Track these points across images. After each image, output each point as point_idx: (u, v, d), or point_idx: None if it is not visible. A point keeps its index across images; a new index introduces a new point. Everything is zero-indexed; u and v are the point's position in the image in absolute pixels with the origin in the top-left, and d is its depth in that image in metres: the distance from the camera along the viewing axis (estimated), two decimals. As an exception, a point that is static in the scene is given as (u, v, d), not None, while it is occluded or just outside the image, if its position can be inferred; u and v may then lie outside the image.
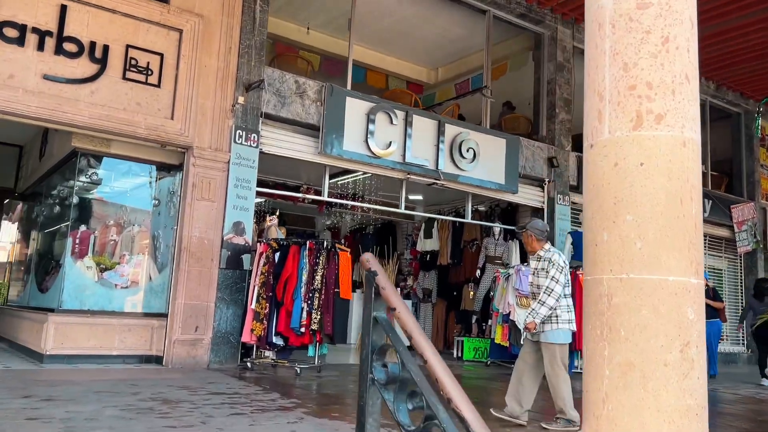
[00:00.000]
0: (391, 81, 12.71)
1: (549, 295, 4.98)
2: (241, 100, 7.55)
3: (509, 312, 8.49)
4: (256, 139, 7.65)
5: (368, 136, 8.29)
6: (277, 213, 8.51)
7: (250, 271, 7.31)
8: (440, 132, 8.91)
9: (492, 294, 9.30)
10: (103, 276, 7.41)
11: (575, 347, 7.97)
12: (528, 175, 10.06)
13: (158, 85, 7.17)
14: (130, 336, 7.14)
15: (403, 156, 8.55)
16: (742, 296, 13.46)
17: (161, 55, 7.22)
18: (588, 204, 2.67)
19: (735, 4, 10.05)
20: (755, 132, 12.78)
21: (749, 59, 12.06)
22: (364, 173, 9.12)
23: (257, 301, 6.91)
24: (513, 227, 10.48)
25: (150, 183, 7.86)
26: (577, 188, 10.66)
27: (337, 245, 6.97)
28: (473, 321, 10.54)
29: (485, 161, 9.32)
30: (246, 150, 7.56)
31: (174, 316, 7.09)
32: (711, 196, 12.67)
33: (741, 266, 13.57)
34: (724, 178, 13.92)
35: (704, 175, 13.31)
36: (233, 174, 7.44)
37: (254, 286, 7.03)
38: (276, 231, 7.96)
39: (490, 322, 9.44)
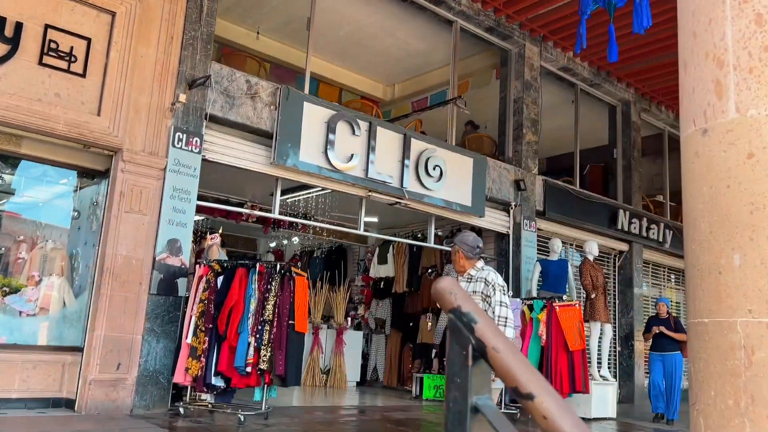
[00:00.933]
0: (345, 95, 11.90)
1: (506, 325, 4.03)
2: (182, 98, 6.50)
3: (478, 347, 7.66)
4: (198, 144, 6.60)
5: (328, 146, 7.38)
6: (221, 231, 7.42)
7: (187, 298, 6.19)
8: (406, 147, 8.10)
9: (457, 326, 8.46)
10: (5, 301, 6.12)
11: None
12: (494, 198, 9.37)
13: (83, 75, 6.04)
14: (36, 375, 5.87)
15: (366, 171, 7.67)
16: (698, 330, 13.18)
17: (88, 39, 6.10)
18: (699, 215, 1.86)
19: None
20: None
21: (709, 89, 11.92)
22: (321, 189, 8.17)
23: (194, 334, 5.80)
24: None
25: (69, 191, 6.66)
26: (544, 214, 10.06)
27: (293, 269, 5.97)
28: (433, 355, 9.66)
29: (452, 181, 8.56)
30: (186, 156, 6.49)
31: (91, 350, 5.87)
32: (671, 227, 12.38)
33: (697, 299, 13.33)
34: (681, 208, 13.72)
35: (662, 204, 13.06)
36: (170, 183, 6.35)
37: (191, 316, 5.92)
38: (218, 251, 6.88)
39: (453, 357, 8.58)
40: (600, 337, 8.53)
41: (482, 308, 3.89)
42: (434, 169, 8.33)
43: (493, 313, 4.04)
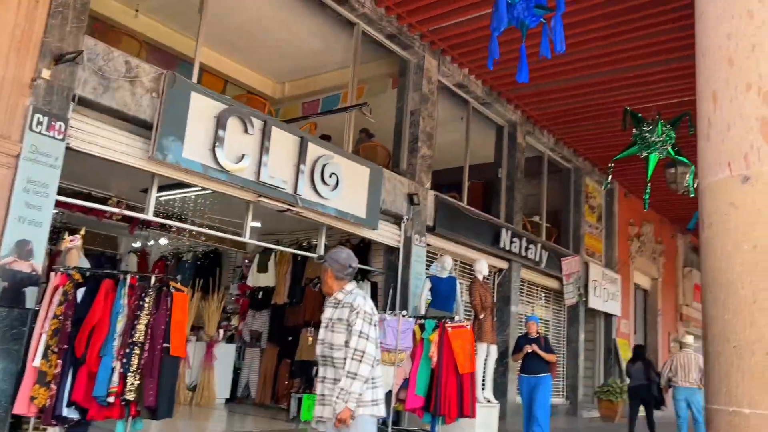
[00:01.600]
0: (231, 89, 11.05)
1: (361, 361, 3.41)
2: (46, 73, 5.49)
3: (367, 368, 7.24)
4: (63, 130, 5.60)
5: (216, 144, 6.63)
6: (82, 232, 6.39)
7: (37, 312, 5.18)
8: (303, 151, 7.52)
9: (344, 345, 7.99)
10: None
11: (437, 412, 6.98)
12: (387, 211, 9.05)
13: None
14: None
15: (258, 173, 6.99)
16: (565, 347, 13.74)
17: (-75, -11, 4.96)
18: (737, 278, 1.55)
19: (582, 62, 10.16)
20: (605, 187, 13.24)
21: (588, 118, 12.47)
22: (203, 189, 7.37)
23: (44, 356, 4.84)
24: (368, 266, 9.37)
25: None
26: (434, 229, 9.90)
27: (171, 283, 5.18)
28: (314, 373, 9.10)
29: (348, 191, 8.10)
30: (47, 142, 5.47)
31: None
32: (546, 248, 12.80)
33: (565, 318, 13.90)
34: (554, 230, 14.29)
35: (539, 225, 13.49)
36: (24, 173, 5.31)
37: (41, 334, 4.94)
38: (79, 256, 5.88)
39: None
40: (485, 359, 8.46)
41: (343, 340, 3.49)
42: (330, 176, 7.83)
43: (351, 345, 3.47)
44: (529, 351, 8.19)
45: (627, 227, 16.42)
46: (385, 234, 9.16)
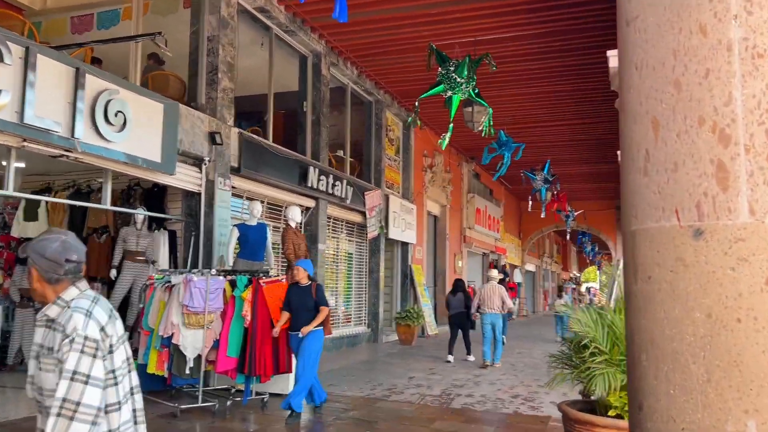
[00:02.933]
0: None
1: (72, 419, 2.05)
2: None
3: (172, 334, 6.54)
4: None
5: (-41, 76, 5.15)
6: None
7: None
8: (79, 84, 6.21)
9: (143, 306, 7.13)
10: None
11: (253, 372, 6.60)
12: (186, 153, 8.07)
13: None
14: None
15: (21, 114, 5.62)
16: (366, 278, 14.10)
17: None
18: (687, 351, 1.32)
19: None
20: (411, 124, 13.31)
21: (390, 52, 12.35)
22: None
23: None
24: (163, 215, 8.39)
25: None
26: (239, 170, 9.16)
27: None
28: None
29: (138, 131, 6.98)
30: None
31: None
32: (351, 183, 12.75)
33: (367, 250, 14.20)
34: (357, 164, 14.29)
35: (343, 160, 13.35)
36: None
37: None
38: None
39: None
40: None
41: (55, 383, 2.11)
42: (116, 115, 6.64)
43: (58, 390, 2.10)
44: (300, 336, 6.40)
45: (422, 159, 17.08)
46: (184, 178, 8.22)
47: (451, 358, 11.18)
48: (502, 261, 26.58)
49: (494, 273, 11.68)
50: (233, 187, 9.00)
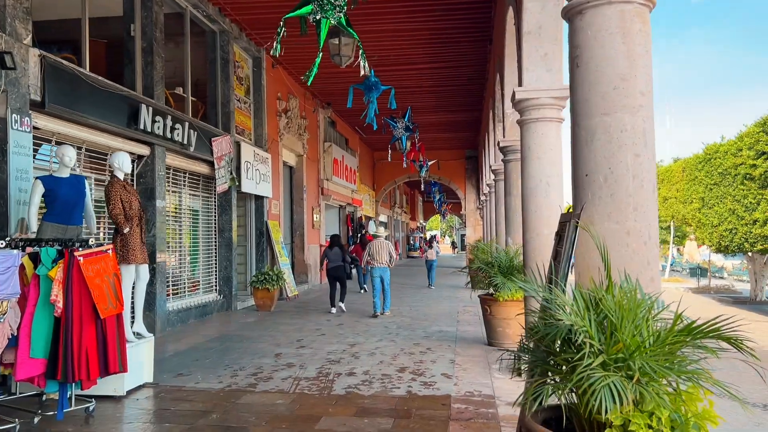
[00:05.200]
0: None
1: None
2: None
3: (-59, 335, 4.54)
4: None
5: None
6: None
7: None
8: None
9: None
10: None
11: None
12: (-41, 78, 5.81)
13: None
14: None
15: None
16: (216, 238, 12.31)
17: None
18: None
19: None
20: (274, 52, 11.41)
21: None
22: None
23: None
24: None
25: None
26: (43, 106, 6.96)
27: None
28: None
29: None
30: None
31: None
32: (195, 127, 10.77)
33: (216, 206, 12.34)
34: (201, 105, 12.24)
35: (183, 99, 11.31)
36: None
37: None
38: None
39: None
40: (134, 285, 6.40)
41: None
42: None
43: None
44: None
45: (275, 102, 15.30)
46: (-41, 113, 5.96)
47: (334, 310, 12.14)
48: (358, 213, 25.73)
49: (381, 230, 12.55)
50: (35, 128, 6.82)
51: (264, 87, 14.32)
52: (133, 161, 9.35)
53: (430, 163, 24.83)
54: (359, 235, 21.94)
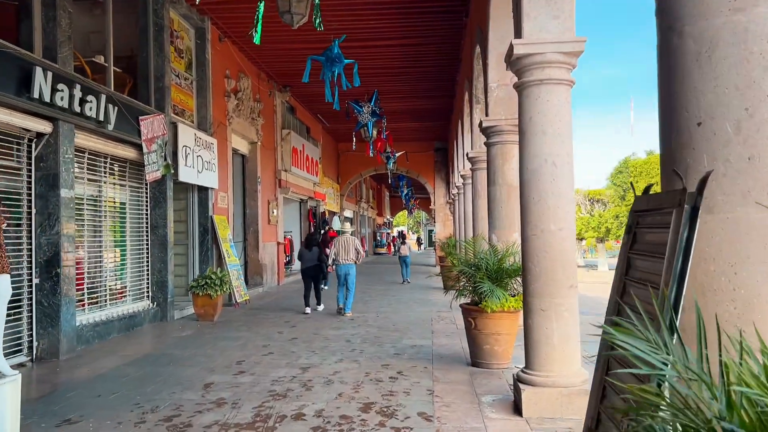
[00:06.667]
0: None
1: None
2: None
3: None
4: None
5: None
6: None
7: None
8: None
9: None
10: None
11: None
12: None
13: None
14: None
15: None
16: (148, 236, 10.44)
17: None
18: None
19: None
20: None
21: None
22: None
23: None
24: None
25: None
26: None
27: None
28: None
29: None
30: None
31: None
32: (116, 102, 8.90)
33: (147, 197, 10.46)
34: (128, 78, 10.35)
35: (104, 69, 9.42)
36: None
37: None
38: None
39: None
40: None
41: None
42: None
43: None
44: None
45: (223, 80, 13.45)
46: None
47: (308, 309, 11.59)
48: (321, 208, 23.97)
49: (347, 226, 12.67)
50: None
51: (209, 62, 12.47)
52: (29, 140, 7.47)
53: (398, 155, 23.19)
54: (321, 231, 20.16)
